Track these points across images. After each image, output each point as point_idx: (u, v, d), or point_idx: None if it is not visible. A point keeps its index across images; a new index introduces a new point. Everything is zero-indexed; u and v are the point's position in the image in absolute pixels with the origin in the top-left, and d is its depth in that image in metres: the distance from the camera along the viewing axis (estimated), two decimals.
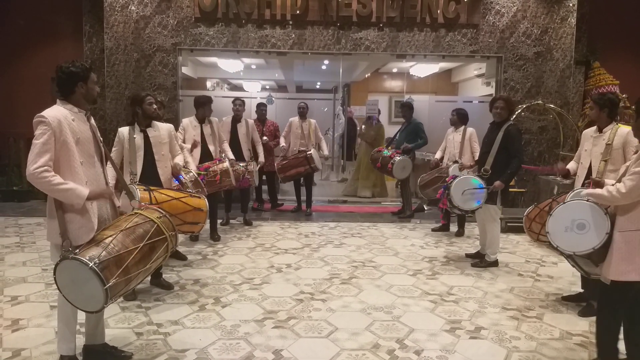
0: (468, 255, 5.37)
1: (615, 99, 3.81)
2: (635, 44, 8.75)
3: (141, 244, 2.67)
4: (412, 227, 6.84)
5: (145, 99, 4.12)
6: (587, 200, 3.01)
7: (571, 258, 3.17)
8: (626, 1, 8.64)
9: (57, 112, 2.66)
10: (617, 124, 3.79)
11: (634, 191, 2.67)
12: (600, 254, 2.93)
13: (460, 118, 6.33)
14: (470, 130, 6.25)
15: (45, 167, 2.55)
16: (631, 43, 8.73)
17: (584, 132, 4.13)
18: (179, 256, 5.07)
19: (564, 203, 3.19)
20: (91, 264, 2.43)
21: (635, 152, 2.94)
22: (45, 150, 2.56)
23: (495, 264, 5.03)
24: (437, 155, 6.59)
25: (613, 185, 2.85)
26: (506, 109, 4.86)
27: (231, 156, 6.01)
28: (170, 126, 4.39)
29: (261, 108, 7.38)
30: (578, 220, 3.03)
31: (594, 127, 3.93)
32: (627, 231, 2.78)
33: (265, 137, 7.09)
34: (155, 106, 4.19)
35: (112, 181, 3.54)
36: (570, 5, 7.94)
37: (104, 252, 2.52)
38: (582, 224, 3.01)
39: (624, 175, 2.83)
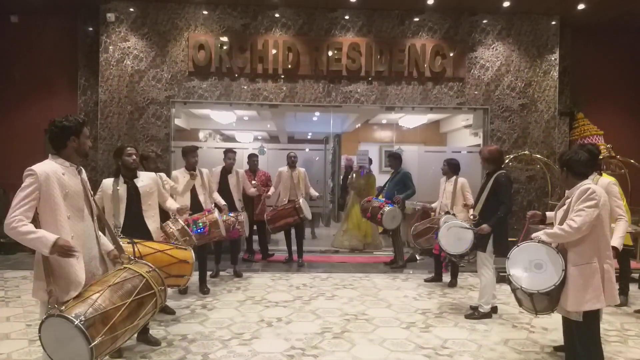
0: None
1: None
2: (616, 95, 9.07)
3: (129, 300, 2.62)
4: (404, 278, 6.77)
5: (125, 150, 4.17)
6: (538, 242, 3.26)
7: (531, 297, 3.29)
8: (605, 54, 9.01)
9: (47, 167, 2.68)
10: (597, 174, 3.85)
11: (584, 225, 3.01)
12: (559, 290, 3.17)
13: (451, 168, 6.38)
14: (461, 180, 6.30)
15: (19, 217, 2.55)
16: (613, 94, 9.05)
17: None
18: (167, 310, 4.96)
19: (518, 246, 3.40)
20: (77, 322, 2.38)
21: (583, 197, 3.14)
22: (25, 203, 2.58)
23: (489, 315, 4.96)
24: (434, 204, 6.61)
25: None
26: (483, 159, 5.04)
27: (223, 202, 6.01)
28: (154, 175, 4.42)
29: (252, 159, 7.45)
30: (535, 260, 3.25)
31: None
32: (580, 265, 3.11)
33: (254, 182, 7.05)
34: (134, 157, 4.19)
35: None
36: (552, 59, 8.26)
37: (90, 308, 2.46)
38: (539, 264, 3.23)
39: (564, 217, 3.16)
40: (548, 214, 4.23)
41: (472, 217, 4.95)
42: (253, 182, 7.06)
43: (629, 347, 4.26)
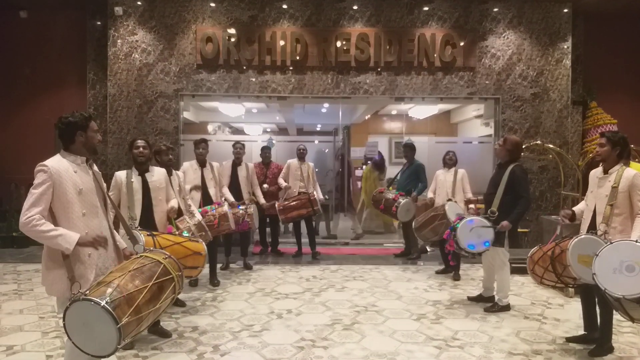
0: (470, 299, 5.26)
1: (627, 140, 3.67)
2: (630, 83, 8.91)
3: (150, 284, 2.63)
4: (415, 270, 6.74)
5: (134, 143, 4.22)
6: (637, 242, 2.95)
7: (618, 302, 3.02)
8: (619, 42, 8.84)
9: (58, 164, 2.69)
10: (623, 165, 3.70)
11: None
12: None
13: (455, 159, 6.53)
14: (461, 171, 6.41)
15: (37, 216, 2.55)
16: (626, 82, 8.89)
17: (590, 172, 3.98)
18: (178, 302, 4.97)
19: (611, 243, 3.10)
20: (103, 303, 2.39)
21: None
22: (41, 201, 2.58)
23: (507, 308, 4.90)
24: (430, 195, 6.64)
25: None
26: (504, 149, 4.82)
27: (231, 199, 6.01)
28: (164, 171, 4.43)
29: (265, 151, 7.41)
30: (627, 262, 2.94)
31: (600, 168, 3.79)
32: None
33: (265, 185, 7.07)
34: (141, 150, 4.20)
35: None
36: (565, 47, 8.13)
37: (114, 291, 2.48)
38: (632, 266, 2.92)
39: None
40: (576, 209, 4.11)
41: (490, 212, 4.76)
42: (265, 185, 7.06)
43: None
